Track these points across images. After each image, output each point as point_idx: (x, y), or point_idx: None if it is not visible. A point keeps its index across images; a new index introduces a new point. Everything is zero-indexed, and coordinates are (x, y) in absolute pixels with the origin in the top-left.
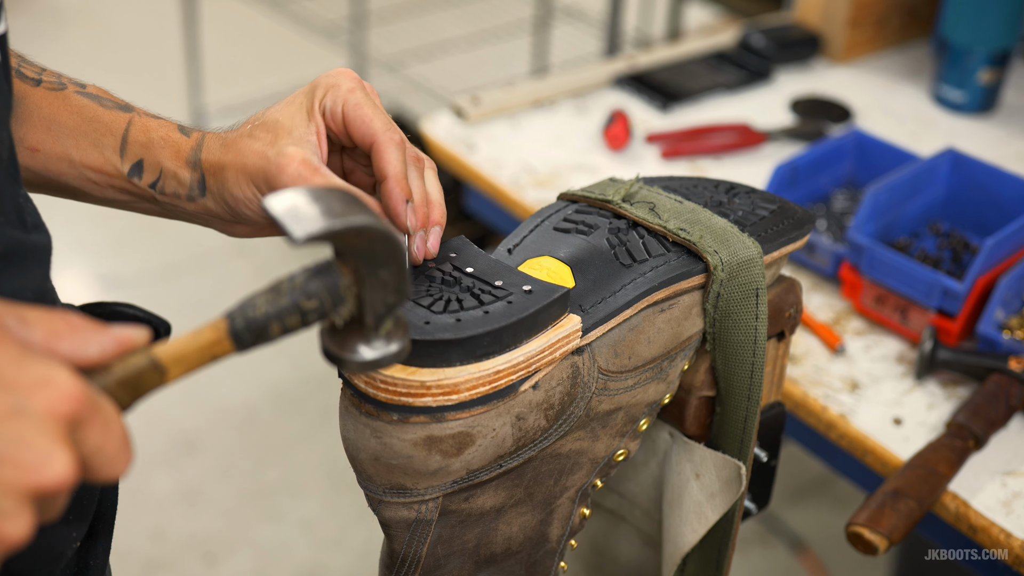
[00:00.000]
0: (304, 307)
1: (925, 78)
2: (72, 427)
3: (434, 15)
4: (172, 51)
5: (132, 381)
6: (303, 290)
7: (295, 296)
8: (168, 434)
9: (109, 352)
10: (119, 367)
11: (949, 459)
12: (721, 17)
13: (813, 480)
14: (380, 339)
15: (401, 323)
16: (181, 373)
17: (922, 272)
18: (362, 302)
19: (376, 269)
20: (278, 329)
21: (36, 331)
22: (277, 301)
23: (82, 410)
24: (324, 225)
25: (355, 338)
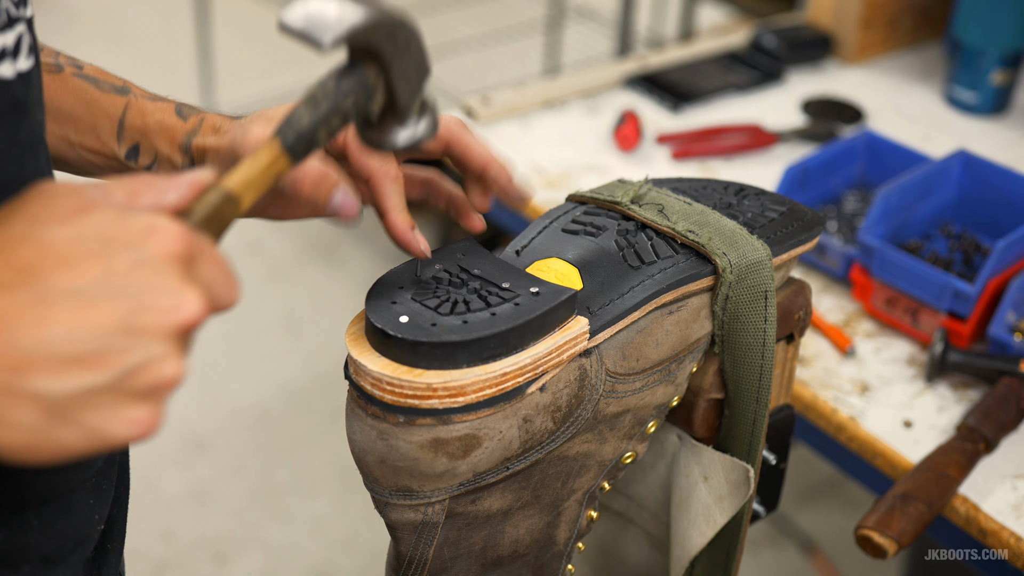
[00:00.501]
0: (343, 106)
1: (937, 79)
2: (187, 264)
3: (446, 15)
4: (184, 50)
5: (214, 216)
6: (337, 92)
7: (332, 100)
8: (179, 434)
9: (186, 196)
10: (199, 207)
11: (959, 462)
12: (734, 17)
13: (824, 481)
14: (413, 117)
15: (428, 104)
16: (253, 198)
17: (933, 274)
18: (392, 88)
19: (398, 55)
20: (325, 134)
21: (116, 193)
22: (317, 108)
23: (191, 247)
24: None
25: (390, 124)
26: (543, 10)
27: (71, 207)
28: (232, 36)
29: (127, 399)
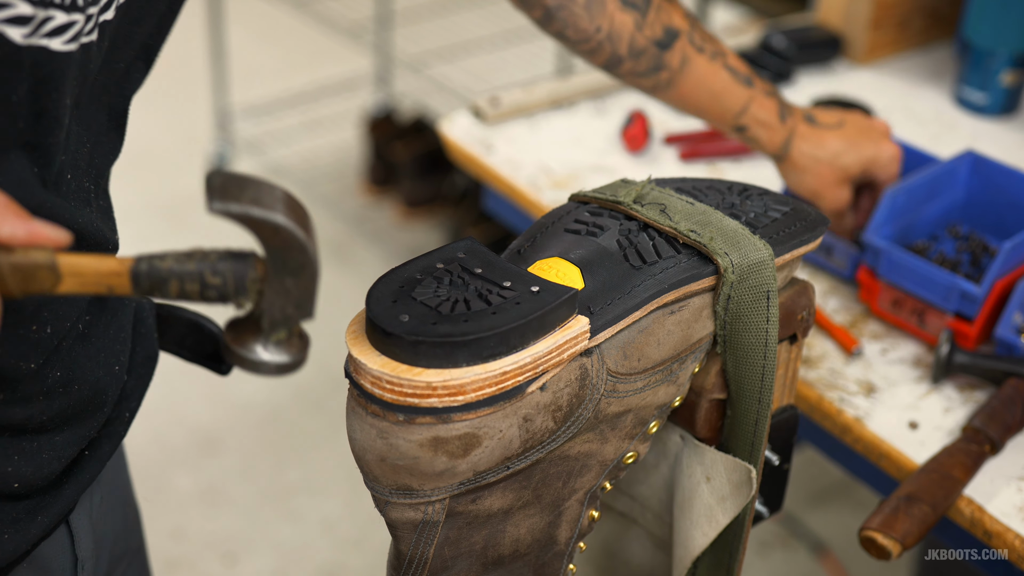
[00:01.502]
0: (207, 280)
1: (947, 80)
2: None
3: (459, 15)
4: (198, 51)
5: (25, 270)
6: (213, 265)
7: (203, 267)
8: (189, 433)
9: (17, 238)
10: (20, 254)
11: (964, 464)
12: (747, 18)
13: (835, 483)
14: (271, 344)
15: (302, 339)
16: (73, 287)
17: (939, 275)
18: (261, 303)
19: (283, 275)
20: (176, 289)
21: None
22: (185, 264)
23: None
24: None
25: (248, 334)
26: None
27: None
28: (245, 37)
29: None
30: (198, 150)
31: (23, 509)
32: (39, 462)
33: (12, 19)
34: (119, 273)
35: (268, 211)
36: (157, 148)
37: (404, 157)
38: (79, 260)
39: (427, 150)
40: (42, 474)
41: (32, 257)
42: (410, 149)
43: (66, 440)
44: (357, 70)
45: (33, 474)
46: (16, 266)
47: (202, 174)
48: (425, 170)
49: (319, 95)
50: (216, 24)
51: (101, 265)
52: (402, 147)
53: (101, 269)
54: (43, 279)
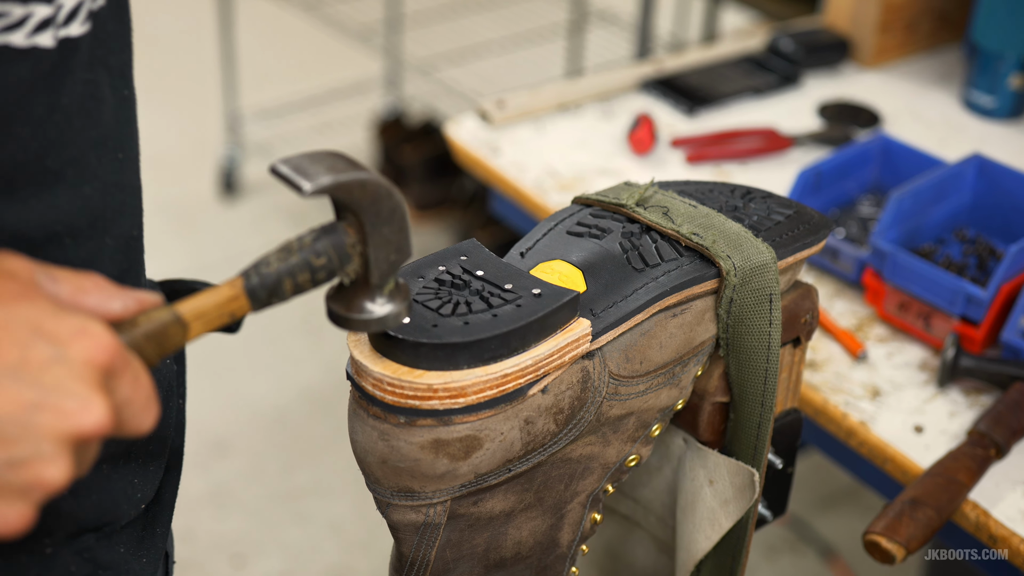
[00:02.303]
0: (314, 264)
1: (955, 83)
2: (107, 376)
3: (468, 19)
4: (208, 54)
5: (157, 335)
6: (312, 248)
7: (305, 254)
8: (198, 435)
9: (131, 309)
10: (144, 321)
11: (969, 468)
12: (756, 21)
13: (843, 487)
14: (384, 297)
15: (402, 287)
16: (202, 329)
17: (945, 279)
18: (367, 260)
19: (380, 226)
20: (290, 286)
21: (64, 287)
22: (288, 259)
23: (116, 360)
24: (332, 178)
25: (361, 298)
26: (565, 14)
27: (13, 291)
28: (256, 40)
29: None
30: (208, 153)
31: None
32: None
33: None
34: (235, 297)
35: (350, 172)
36: (167, 151)
37: (413, 160)
38: (196, 303)
39: (436, 153)
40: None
41: (158, 319)
42: (419, 152)
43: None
44: (366, 73)
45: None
46: (149, 335)
47: (213, 177)
48: (434, 173)
49: (329, 98)
50: (226, 27)
51: (218, 297)
52: (411, 150)
53: (219, 301)
54: (174, 335)
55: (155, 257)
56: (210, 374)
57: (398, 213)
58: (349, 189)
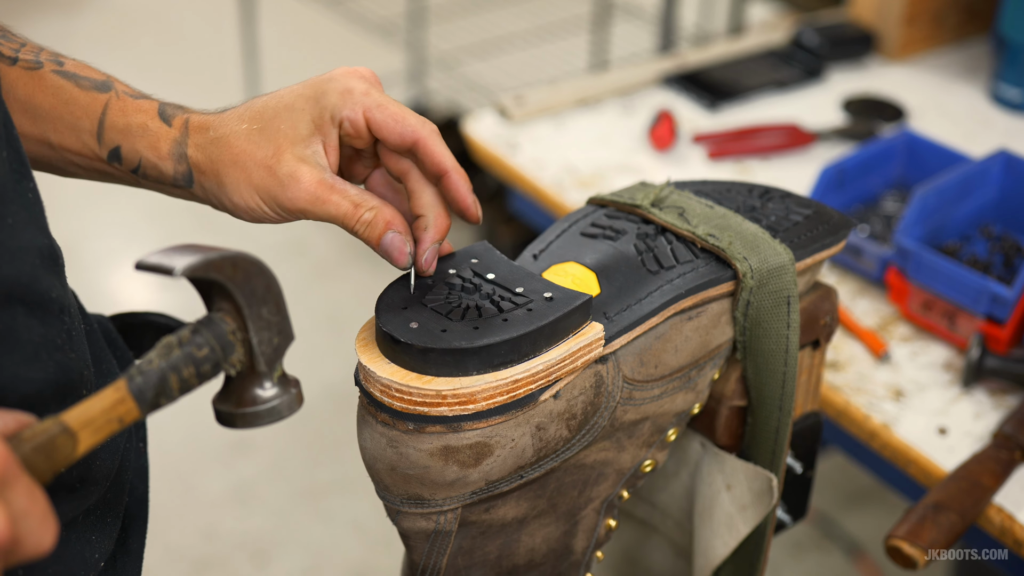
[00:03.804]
0: (196, 356)
1: (983, 76)
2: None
3: (492, 12)
4: (230, 48)
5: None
6: (192, 341)
7: (186, 348)
8: (221, 433)
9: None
10: (30, 435)
11: (994, 471)
12: (783, 14)
13: (870, 484)
14: (276, 385)
15: (290, 378)
16: (92, 438)
17: (970, 277)
18: (251, 346)
19: (257, 307)
20: (176, 383)
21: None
22: (170, 355)
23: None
24: (202, 257)
25: (251, 388)
26: (589, 7)
27: None
28: (277, 35)
29: None
30: None
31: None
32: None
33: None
34: (121, 400)
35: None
36: None
37: None
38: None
39: (459, 148)
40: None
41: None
42: None
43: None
44: (389, 68)
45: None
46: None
47: None
48: None
49: None
50: (248, 23)
51: (103, 402)
52: None
53: (105, 405)
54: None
55: None
56: None
57: (273, 290)
58: (220, 267)
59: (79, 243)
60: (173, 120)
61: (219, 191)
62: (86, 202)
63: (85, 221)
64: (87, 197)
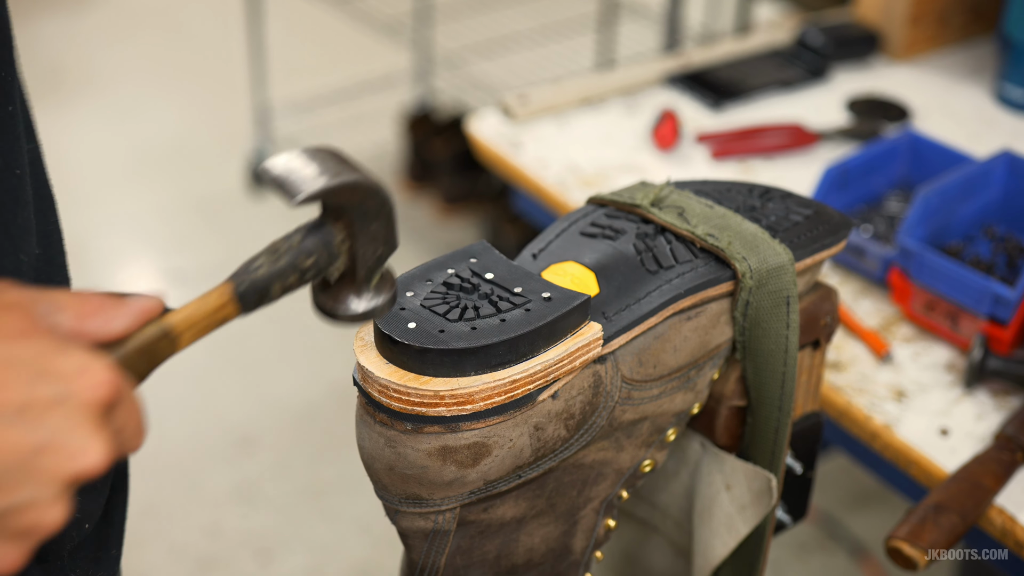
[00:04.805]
0: (302, 265)
1: (988, 77)
2: (107, 412)
3: (498, 11)
4: (237, 48)
5: (147, 350)
6: (300, 249)
7: (293, 255)
8: (225, 431)
9: (132, 326)
10: (135, 338)
11: (996, 472)
12: (789, 13)
13: (875, 485)
14: (370, 291)
15: (388, 276)
16: (192, 339)
17: (972, 278)
18: (354, 256)
19: (368, 223)
20: (279, 289)
21: (66, 314)
22: (276, 262)
23: (115, 395)
24: (320, 185)
25: (346, 292)
26: (595, 6)
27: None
28: (284, 34)
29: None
30: (237, 146)
31: None
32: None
33: None
34: (225, 304)
35: (337, 176)
36: (196, 144)
37: (442, 154)
38: (186, 312)
39: (465, 147)
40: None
41: (146, 335)
42: (448, 146)
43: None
44: (395, 67)
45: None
46: (141, 350)
47: (242, 170)
48: (463, 167)
49: (358, 92)
50: (255, 21)
51: (207, 305)
52: (440, 144)
53: (208, 309)
54: (164, 349)
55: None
56: (237, 369)
57: (386, 209)
58: (339, 193)
59: (87, 240)
60: None
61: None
62: (93, 199)
63: (93, 218)
64: (95, 194)
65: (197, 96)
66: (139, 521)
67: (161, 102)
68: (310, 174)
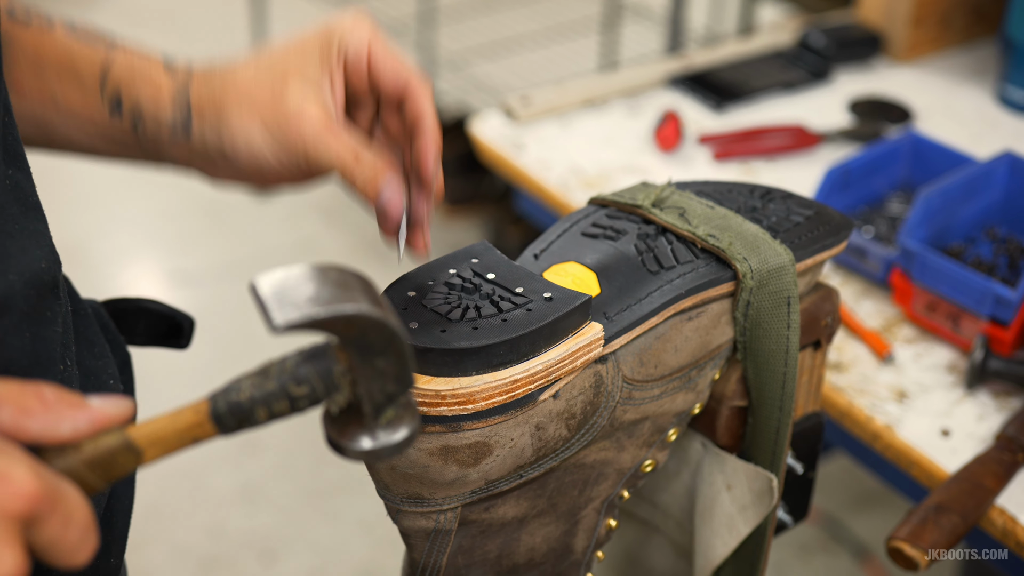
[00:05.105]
0: (293, 393)
1: (990, 78)
2: (26, 524)
3: (502, 13)
4: (241, 49)
5: (103, 462)
6: (292, 375)
7: (283, 380)
8: None
9: (82, 432)
10: (90, 447)
11: (996, 473)
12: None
13: (878, 486)
14: (381, 428)
15: (409, 408)
16: (158, 455)
17: (974, 279)
18: (358, 391)
19: (371, 358)
20: (264, 414)
21: (4, 410)
22: (264, 385)
23: (38, 507)
24: (306, 313)
25: (354, 426)
26: (599, 8)
27: None
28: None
29: None
30: None
31: None
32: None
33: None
34: (199, 424)
35: (331, 305)
36: None
37: (446, 155)
38: (155, 427)
39: (469, 149)
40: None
41: (104, 445)
42: (452, 148)
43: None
44: None
45: None
46: (93, 462)
47: None
48: (467, 168)
49: None
50: (259, 23)
51: (178, 423)
52: (444, 145)
53: (180, 427)
54: (124, 461)
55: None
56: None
57: (395, 344)
58: (330, 325)
59: (91, 240)
60: (178, 70)
61: (219, 130)
62: (98, 200)
63: (97, 219)
64: (99, 194)
65: None
66: (142, 521)
67: None
68: (300, 298)
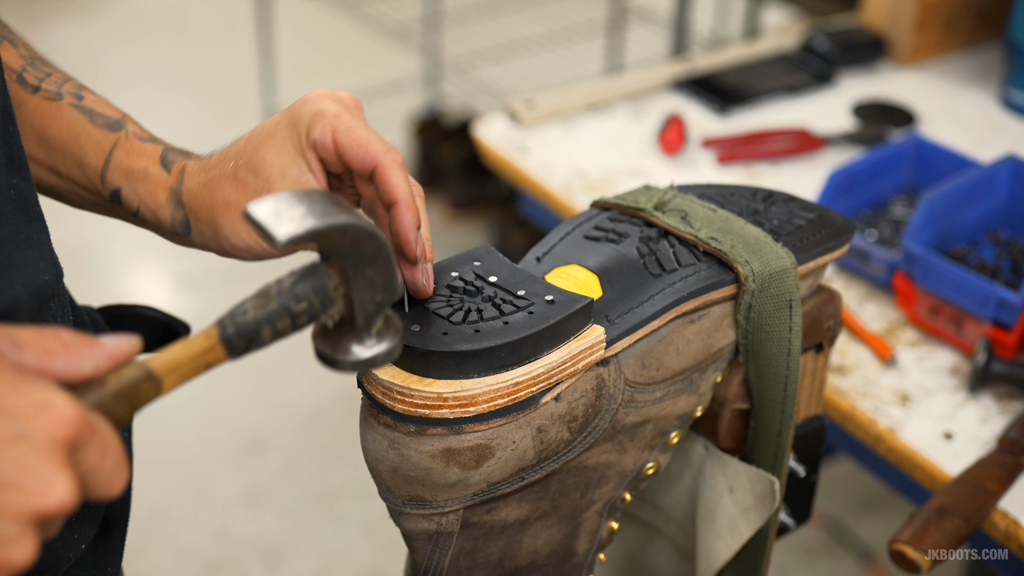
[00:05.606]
0: (293, 310)
1: (994, 82)
2: (71, 450)
3: (507, 17)
4: (246, 53)
5: (127, 393)
6: (291, 293)
7: (284, 300)
8: (234, 434)
9: (102, 367)
10: (113, 380)
11: (999, 476)
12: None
13: (882, 489)
14: (371, 338)
15: (392, 322)
16: (176, 382)
17: (977, 282)
18: (351, 302)
19: (363, 268)
20: (269, 333)
21: (29, 353)
22: (266, 306)
23: (80, 433)
24: (306, 226)
25: (347, 338)
26: (604, 12)
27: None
28: (294, 39)
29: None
30: None
31: None
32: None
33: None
34: (211, 348)
35: (326, 217)
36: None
37: (451, 159)
38: (169, 356)
39: (474, 152)
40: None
41: (128, 377)
42: (457, 151)
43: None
44: (404, 72)
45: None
46: (119, 394)
47: None
48: (471, 172)
49: (366, 97)
50: (264, 26)
51: (192, 349)
52: (449, 149)
53: (193, 353)
54: (146, 392)
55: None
56: (246, 373)
57: (382, 253)
58: (326, 236)
59: (96, 244)
60: (172, 167)
61: (216, 236)
62: None
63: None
64: None
65: (206, 100)
66: (147, 524)
67: (170, 105)
68: (297, 215)
